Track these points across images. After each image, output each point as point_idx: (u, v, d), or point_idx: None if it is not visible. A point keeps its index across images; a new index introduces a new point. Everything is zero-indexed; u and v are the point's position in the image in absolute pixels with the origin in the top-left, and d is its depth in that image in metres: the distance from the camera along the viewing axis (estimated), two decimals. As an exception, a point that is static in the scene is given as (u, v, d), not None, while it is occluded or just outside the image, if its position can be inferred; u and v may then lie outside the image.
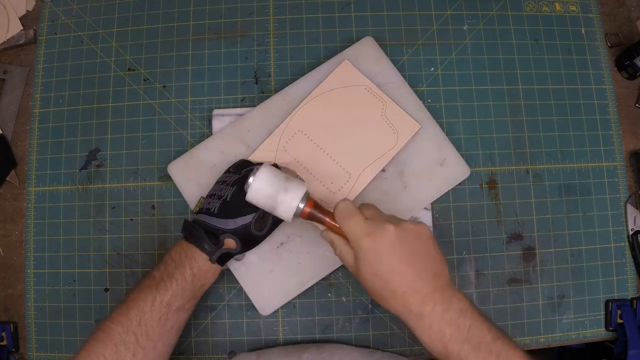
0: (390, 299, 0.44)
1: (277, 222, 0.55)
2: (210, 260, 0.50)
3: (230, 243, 0.51)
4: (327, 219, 0.49)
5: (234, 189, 0.52)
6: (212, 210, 0.52)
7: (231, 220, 0.51)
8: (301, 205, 0.49)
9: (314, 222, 0.53)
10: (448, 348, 0.42)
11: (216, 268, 0.52)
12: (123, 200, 0.63)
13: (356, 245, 0.45)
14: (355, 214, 0.46)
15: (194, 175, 0.61)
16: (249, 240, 0.53)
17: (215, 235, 0.51)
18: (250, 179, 0.50)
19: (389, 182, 0.61)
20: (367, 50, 0.64)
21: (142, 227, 0.63)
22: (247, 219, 0.51)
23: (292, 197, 0.49)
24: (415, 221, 0.47)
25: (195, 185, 0.61)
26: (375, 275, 0.44)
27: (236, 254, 0.53)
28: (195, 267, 0.50)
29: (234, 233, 0.51)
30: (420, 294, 0.43)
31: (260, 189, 0.49)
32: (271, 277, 0.59)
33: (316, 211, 0.50)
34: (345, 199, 0.48)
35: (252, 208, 0.52)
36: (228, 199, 0.52)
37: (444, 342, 0.42)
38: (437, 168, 0.62)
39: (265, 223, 0.53)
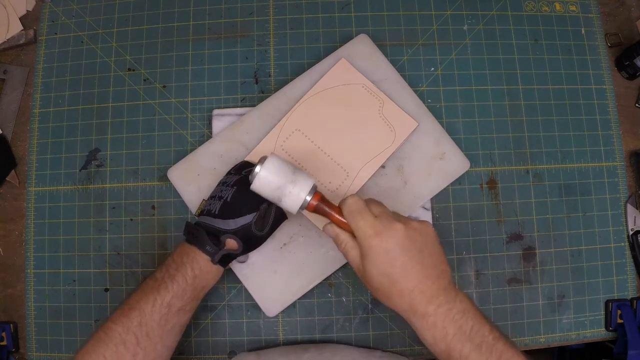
0: (396, 298, 0.44)
1: (278, 221, 0.55)
2: (212, 261, 0.50)
3: (231, 244, 0.51)
4: (334, 214, 0.48)
5: (234, 190, 0.52)
6: (213, 212, 0.52)
7: (232, 220, 0.51)
8: (308, 198, 0.48)
9: (313, 217, 0.54)
10: (451, 347, 0.42)
11: (218, 269, 0.52)
12: (123, 200, 0.63)
13: (365, 243, 0.45)
14: (364, 211, 0.46)
15: (194, 179, 0.61)
16: (250, 241, 0.53)
17: (216, 236, 0.51)
18: (257, 168, 0.48)
19: (389, 178, 0.61)
20: (362, 47, 0.64)
21: (142, 227, 0.63)
22: (248, 218, 0.51)
23: (301, 189, 0.48)
24: (420, 220, 0.47)
25: (196, 190, 0.61)
26: (383, 274, 0.44)
27: (238, 254, 0.53)
28: (196, 268, 0.50)
29: (235, 233, 0.51)
30: (426, 294, 0.44)
31: (268, 178, 0.48)
32: (275, 278, 0.59)
33: (323, 205, 0.49)
34: (353, 195, 0.47)
35: (253, 207, 0.51)
36: (229, 200, 0.52)
37: (447, 341, 0.42)
38: (436, 162, 0.62)
39: (266, 222, 0.53)
